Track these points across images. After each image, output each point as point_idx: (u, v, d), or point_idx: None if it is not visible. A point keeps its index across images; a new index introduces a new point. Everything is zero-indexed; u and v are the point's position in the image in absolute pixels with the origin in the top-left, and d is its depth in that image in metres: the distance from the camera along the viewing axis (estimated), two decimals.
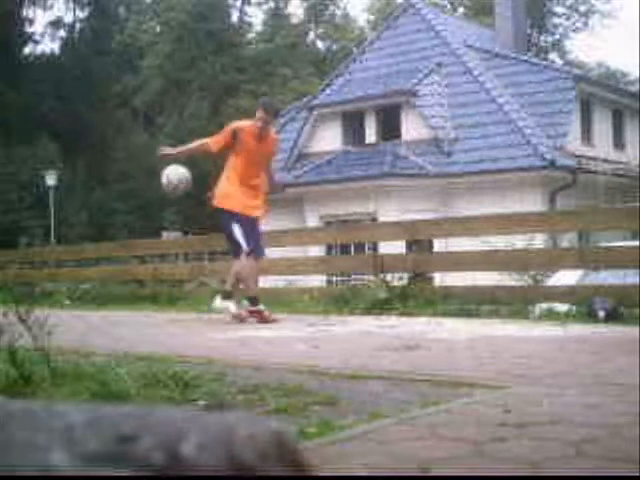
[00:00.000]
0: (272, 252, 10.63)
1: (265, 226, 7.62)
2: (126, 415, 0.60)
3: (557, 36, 42.65)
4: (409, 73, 21.09)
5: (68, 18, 41.66)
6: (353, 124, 21.41)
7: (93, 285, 11.20)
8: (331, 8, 42.19)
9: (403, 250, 11.32)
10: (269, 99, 8.38)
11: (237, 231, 6.65)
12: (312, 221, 19.34)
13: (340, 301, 7.81)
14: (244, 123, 6.96)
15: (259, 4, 42.06)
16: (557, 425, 2.17)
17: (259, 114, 6.71)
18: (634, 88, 31.23)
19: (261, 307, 6.65)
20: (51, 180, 27.87)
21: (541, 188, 18.11)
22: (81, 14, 41.58)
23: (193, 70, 36.67)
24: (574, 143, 19.61)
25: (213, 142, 6.92)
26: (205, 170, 33.84)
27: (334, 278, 14.05)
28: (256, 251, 6.75)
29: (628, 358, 3.59)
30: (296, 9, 61.80)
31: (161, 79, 37.07)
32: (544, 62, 24.22)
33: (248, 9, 42.42)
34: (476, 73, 20.68)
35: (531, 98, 19.75)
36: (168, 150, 7.35)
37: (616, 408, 2.41)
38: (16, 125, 33.30)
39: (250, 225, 6.71)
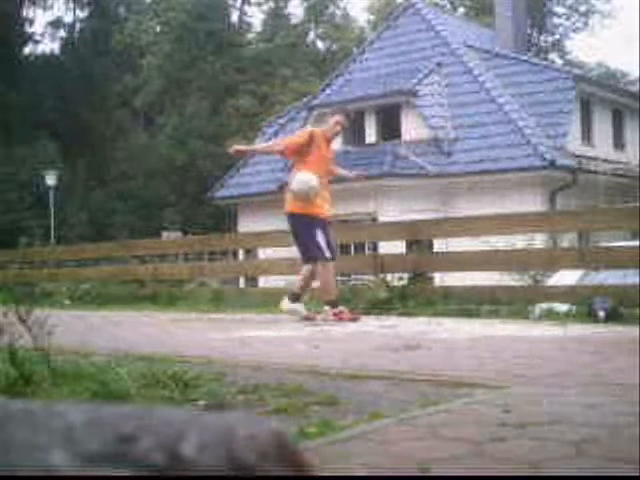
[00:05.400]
0: (273, 252, 10.65)
1: (266, 226, 7.64)
2: (126, 415, 0.60)
3: (557, 36, 42.66)
4: (409, 73, 21.09)
5: (68, 18, 41.71)
6: (353, 124, 21.38)
7: (93, 285, 11.19)
8: (331, 8, 42.16)
9: (403, 250, 11.32)
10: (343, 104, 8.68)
11: (320, 236, 6.64)
12: None
13: (340, 301, 7.80)
14: (318, 129, 7.19)
15: (259, 4, 42.06)
16: (557, 425, 2.17)
17: (337, 118, 6.91)
18: (634, 88, 31.21)
19: (342, 308, 6.69)
20: (51, 180, 27.84)
21: (541, 188, 18.11)
22: (81, 14, 41.61)
23: (193, 70, 36.66)
24: (574, 143, 19.61)
25: (288, 143, 7.11)
26: (205, 170, 33.93)
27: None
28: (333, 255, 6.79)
29: (628, 358, 3.59)
30: (296, 9, 61.75)
31: (161, 79, 37.06)
32: (544, 62, 24.22)
33: (248, 9, 42.46)
34: (476, 73, 20.68)
35: (531, 98, 19.75)
36: (241, 147, 7.52)
37: (616, 408, 2.41)
38: (16, 125, 33.28)
39: (327, 229, 6.76)
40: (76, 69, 36.72)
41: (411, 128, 20.29)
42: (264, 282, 14.22)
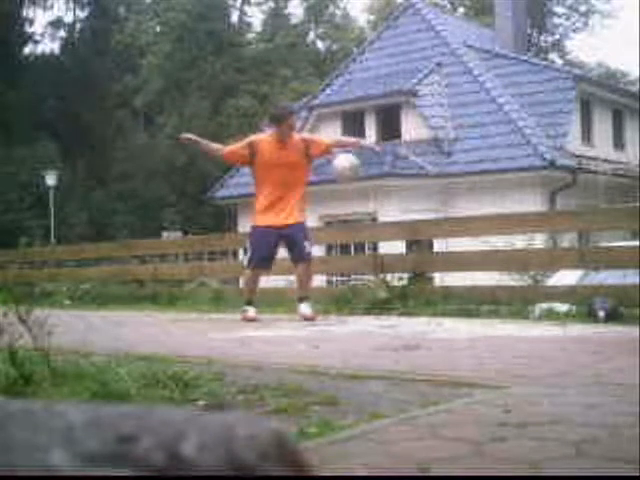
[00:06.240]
0: None
1: None
2: (126, 415, 0.60)
3: (557, 36, 42.67)
4: (409, 73, 21.09)
5: (68, 18, 41.63)
6: (353, 124, 21.41)
7: (93, 285, 11.19)
8: (331, 8, 42.17)
9: (403, 250, 11.32)
10: (275, 106, 8.35)
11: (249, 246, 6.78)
12: (312, 221, 19.29)
13: (340, 301, 7.81)
14: (263, 136, 7.02)
15: (259, 4, 42.05)
16: (557, 425, 2.17)
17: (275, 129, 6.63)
18: (634, 88, 31.22)
19: (246, 307, 6.78)
20: (51, 180, 27.84)
21: (541, 188, 18.11)
22: (81, 14, 41.55)
23: (193, 70, 36.66)
24: (574, 143, 19.62)
25: (228, 151, 6.88)
26: (205, 171, 33.92)
27: (334, 278, 14.04)
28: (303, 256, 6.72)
29: (628, 358, 3.59)
30: (296, 9, 61.71)
31: (161, 79, 37.05)
32: (544, 62, 24.23)
33: (248, 9, 42.43)
34: (476, 73, 20.68)
35: (531, 98, 19.75)
36: (190, 135, 6.96)
37: (616, 408, 2.41)
38: (16, 125, 33.26)
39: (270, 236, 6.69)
40: (76, 69, 36.69)
41: (411, 128, 20.30)
42: (264, 282, 14.17)
